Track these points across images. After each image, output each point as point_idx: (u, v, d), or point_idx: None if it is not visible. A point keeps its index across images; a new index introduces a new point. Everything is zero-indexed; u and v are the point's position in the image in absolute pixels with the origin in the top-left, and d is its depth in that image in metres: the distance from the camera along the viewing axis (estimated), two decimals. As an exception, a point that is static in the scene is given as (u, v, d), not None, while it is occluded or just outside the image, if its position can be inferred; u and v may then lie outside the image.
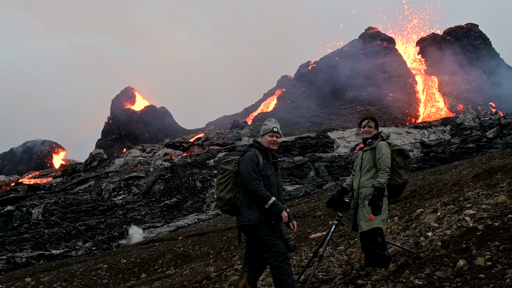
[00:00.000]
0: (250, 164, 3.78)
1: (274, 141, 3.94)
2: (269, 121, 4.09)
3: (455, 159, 23.45)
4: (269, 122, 4.06)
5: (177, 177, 27.58)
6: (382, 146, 4.25)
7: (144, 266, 10.34)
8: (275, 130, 3.96)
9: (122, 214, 21.72)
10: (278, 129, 3.99)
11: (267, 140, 3.94)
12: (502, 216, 4.59)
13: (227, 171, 3.91)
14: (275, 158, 4.04)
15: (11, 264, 15.20)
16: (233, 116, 76.13)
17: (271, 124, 4.03)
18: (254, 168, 3.78)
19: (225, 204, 3.81)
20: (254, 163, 3.80)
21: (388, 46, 79.39)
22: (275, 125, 4.04)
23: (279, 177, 3.99)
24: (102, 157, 35.80)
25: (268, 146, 3.91)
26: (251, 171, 3.74)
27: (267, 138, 3.94)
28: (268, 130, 3.96)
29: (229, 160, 4.01)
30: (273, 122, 4.07)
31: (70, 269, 11.51)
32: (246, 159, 3.83)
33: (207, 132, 53.66)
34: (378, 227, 3.99)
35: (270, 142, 3.92)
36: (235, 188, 3.85)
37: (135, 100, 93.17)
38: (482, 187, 7.25)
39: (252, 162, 3.80)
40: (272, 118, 4.18)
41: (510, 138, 26.27)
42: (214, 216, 21.03)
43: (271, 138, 3.93)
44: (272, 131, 3.96)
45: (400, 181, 4.27)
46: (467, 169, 14.02)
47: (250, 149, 3.95)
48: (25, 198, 24.61)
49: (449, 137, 31.27)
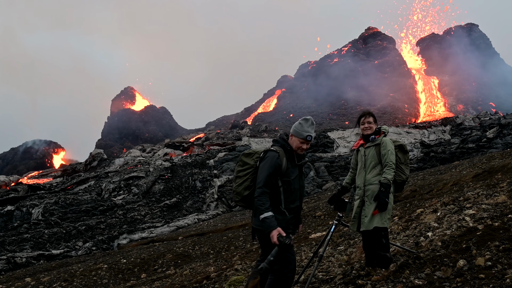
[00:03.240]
0: (269, 169, 3.42)
1: (303, 149, 3.54)
2: (306, 122, 3.58)
3: (455, 159, 23.45)
4: (305, 125, 3.56)
5: (177, 177, 27.58)
6: (387, 142, 4.22)
7: (144, 266, 10.34)
8: (308, 139, 3.51)
9: (122, 214, 21.71)
10: (311, 138, 3.53)
11: (296, 144, 3.53)
12: (502, 216, 4.59)
13: (246, 164, 3.61)
14: (302, 159, 3.64)
15: (11, 264, 15.20)
16: (233, 116, 76.16)
17: (307, 129, 3.53)
18: (271, 175, 3.42)
19: (241, 200, 3.59)
20: (274, 169, 3.43)
21: (388, 46, 79.37)
22: (310, 132, 3.53)
23: (303, 179, 3.67)
24: (102, 157, 35.81)
25: (296, 151, 3.53)
26: (266, 178, 3.40)
27: (297, 142, 3.52)
28: (301, 137, 3.50)
29: (251, 153, 3.67)
30: (309, 126, 3.55)
31: (70, 269, 11.51)
32: (267, 161, 3.47)
33: (207, 132, 53.65)
34: (383, 228, 3.94)
35: (298, 148, 3.53)
36: (253, 186, 3.53)
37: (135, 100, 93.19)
38: (482, 187, 7.25)
39: (272, 168, 3.43)
40: (310, 118, 3.61)
41: (510, 138, 26.27)
42: (214, 216, 21.03)
43: (301, 145, 3.52)
44: (305, 139, 3.51)
45: (404, 176, 4.27)
46: (467, 169, 14.01)
47: (275, 147, 3.57)
48: (25, 198, 24.61)
49: (449, 137, 31.27)
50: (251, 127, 52.59)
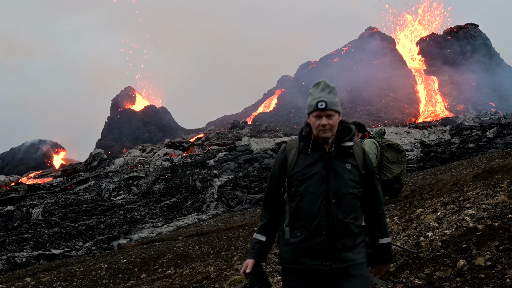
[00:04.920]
0: (272, 170, 2.55)
1: (323, 126, 2.34)
2: (316, 88, 2.43)
3: (455, 159, 23.44)
4: (315, 92, 2.41)
5: (177, 177, 27.58)
6: (365, 143, 4.23)
7: (144, 266, 10.34)
8: (320, 106, 2.33)
9: (122, 214, 21.71)
10: (326, 103, 2.33)
11: (312, 124, 2.40)
12: (502, 216, 4.59)
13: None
14: (333, 145, 2.41)
15: (11, 264, 15.19)
16: (233, 116, 76.12)
17: (317, 95, 2.38)
18: (274, 177, 2.51)
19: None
20: (278, 167, 2.49)
21: (388, 46, 79.36)
22: (323, 97, 2.35)
23: (338, 179, 2.34)
24: (102, 157, 35.80)
25: (317, 134, 2.37)
26: (268, 182, 2.55)
27: (312, 120, 2.39)
28: (311, 109, 2.39)
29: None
30: (321, 91, 2.38)
31: (70, 269, 11.51)
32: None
33: (207, 132, 53.65)
34: None
35: (316, 128, 2.36)
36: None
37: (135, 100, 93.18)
38: (482, 187, 7.24)
39: (274, 166, 2.53)
40: (322, 80, 2.44)
41: (510, 138, 26.26)
42: (214, 216, 21.03)
43: (317, 122, 2.36)
44: (315, 108, 2.35)
45: (390, 175, 4.24)
46: (467, 169, 14.01)
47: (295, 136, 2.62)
48: (25, 198, 24.60)
49: (449, 137, 31.25)
50: (251, 127, 52.57)
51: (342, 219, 2.32)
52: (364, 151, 2.51)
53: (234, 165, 29.25)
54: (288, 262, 2.38)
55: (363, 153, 2.50)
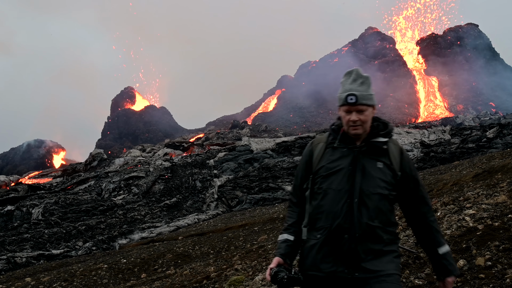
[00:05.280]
0: (298, 167, 2.36)
1: (353, 122, 2.15)
2: (347, 78, 2.22)
3: (455, 159, 23.44)
4: (346, 83, 2.21)
5: (177, 177, 27.58)
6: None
7: (144, 266, 10.34)
8: (350, 100, 2.15)
9: (122, 214, 21.72)
10: (357, 97, 2.14)
11: (342, 117, 2.22)
12: (502, 216, 4.59)
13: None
14: (371, 140, 2.20)
15: (11, 264, 15.20)
16: (233, 116, 76.11)
17: (348, 87, 2.18)
18: (300, 174, 2.32)
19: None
20: (304, 164, 2.31)
21: (388, 46, 79.39)
22: (353, 89, 2.16)
23: (363, 176, 2.13)
24: (102, 157, 35.80)
25: (347, 130, 2.19)
26: (294, 180, 2.37)
27: (342, 114, 2.21)
28: (340, 100, 2.21)
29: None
30: (352, 82, 2.18)
31: (70, 269, 11.51)
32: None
33: (207, 132, 53.66)
34: None
35: (346, 124, 2.19)
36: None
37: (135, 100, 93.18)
38: (482, 187, 7.25)
39: (301, 163, 2.34)
40: (355, 69, 2.23)
41: (510, 138, 26.26)
42: (214, 216, 21.03)
43: (347, 116, 2.17)
44: (345, 102, 2.17)
45: None
46: (467, 169, 14.01)
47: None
48: (25, 198, 24.60)
49: (449, 137, 31.26)
50: (251, 127, 52.58)
51: (366, 221, 2.08)
52: (401, 151, 2.25)
53: (234, 165, 29.26)
54: (308, 269, 2.16)
55: (400, 152, 2.24)
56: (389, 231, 2.15)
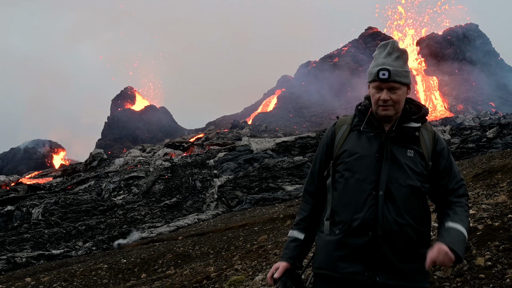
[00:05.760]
0: (318, 151, 2.12)
1: (384, 101, 1.90)
2: (382, 50, 1.96)
3: (455, 159, 23.43)
4: (380, 56, 1.95)
5: (177, 177, 27.59)
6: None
7: (144, 266, 10.34)
8: (382, 76, 1.88)
9: (122, 214, 21.72)
10: (390, 72, 1.87)
11: (371, 95, 1.97)
12: (502, 216, 4.59)
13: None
14: (402, 125, 1.94)
15: (11, 264, 15.20)
16: (233, 116, 76.15)
17: (381, 61, 1.92)
18: (319, 160, 2.08)
19: None
20: (324, 147, 2.06)
21: (388, 46, 79.39)
22: (387, 61, 1.90)
23: (392, 165, 1.88)
24: (102, 157, 35.80)
25: (375, 110, 1.94)
26: (311, 167, 2.13)
27: (371, 91, 1.96)
28: (371, 75, 1.94)
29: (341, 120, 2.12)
30: (387, 55, 1.92)
31: (70, 269, 11.51)
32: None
33: (207, 132, 53.67)
34: None
35: (376, 103, 1.93)
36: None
37: (135, 100, 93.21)
38: (482, 187, 7.25)
39: (320, 147, 2.10)
40: (391, 41, 1.98)
41: (510, 138, 26.26)
42: (214, 216, 21.03)
43: (377, 94, 1.92)
44: (375, 78, 1.91)
45: None
46: (467, 169, 14.01)
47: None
48: (25, 198, 24.60)
49: (449, 137, 31.26)
50: (251, 127, 52.62)
51: (394, 217, 1.82)
52: (435, 137, 1.98)
53: (234, 165, 29.26)
54: (321, 267, 1.93)
55: (433, 139, 1.97)
56: (421, 231, 1.87)
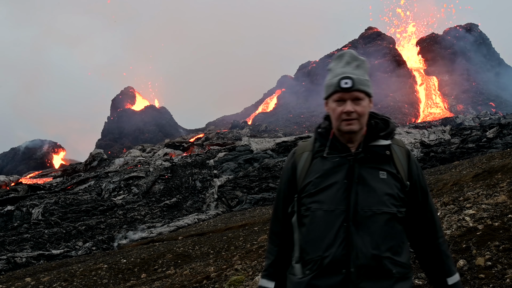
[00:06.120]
0: (279, 186, 1.90)
1: (347, 114, 1.67)
2: (338, 60, 1.74)
3: (455, 159, 23.45)
4: (337, 66, 1.73)
5: (177, 177, 27.59)
6: None
7: (144, 266, 10.34)
8: (344, 85, 1.66)
9: (122, 214, 21.72)
10: (354, 81, 1.66)
11: (332, 110, 1.72)
12: (502, 216, 4.59)
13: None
14: (370, 144, 1.73)
15: (11, 264, 15.20)
16: (233, 116, 76.15)
17: (340, 70, 1.70)
18: (282, 196, 1.86)
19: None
20: (286, 182, 1.85)
21: (388, 46, 79.39)
22: (347, 69, 1.69)
23: (364, 191, 1.67)
24: (102, 157, 35.81)
25: (338, 127, 1.71)
26: (274, 204, 1.92)
27: (332, 106, 1.72)
28: (331, 87, 1.71)
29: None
30: (345, 62, 1.72)
31: (70, 269, 11.51)
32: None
33: (207, 132, 53.67)
34: None
35: (338, 118, 1.70)
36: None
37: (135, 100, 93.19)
38: (482, 187, 7.24)
39: (282, 181, 1.88)
40: (348, 51, 1.77)
41: (510, 138, 26.26)
42: (214, 216, 21.03)
43: (339, 108, 1.69)
44: (338, 88, 1.68)
45: None
46: (467, 169, 14.01)
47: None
48: (25, 198, 24.60)
49: (449, 137, 31.26)
50: (251, 127, 52.62)
51: (370, 250, 1.61)
52: (409, 155, 1.80)
53: (234, 165, 29.26)
54: None
55: (407, 156, 1.79)
56: (401, 263, 1.67)
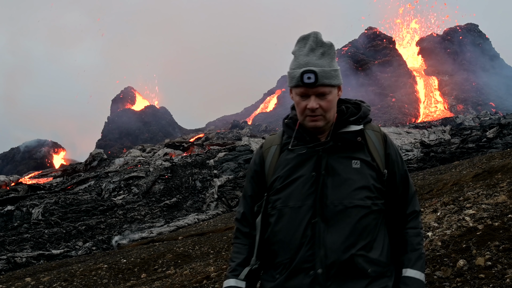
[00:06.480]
0: (246, 182, 1.76)
1: (311, 110, 1.54)
2: (300, 43, 1.56)
3: (455, 159, 23.45)
4: (298, 49, 1.55)
5: (177, 177, 27.59)
6: None
7: (144, 266, 10.34)
8: (307, 80, 1.49)
9: (122, 214, 21.72)
10: (317, 75, 1.48)
11: (296, 103, 1.60)
12: (502, 216, 4.59)
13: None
14: (339, 131, 1.58)
15: (11, 264, 15.20)
16: (233, 116, 76.18)
17: (301, 58, 1.53)
18: (246, 189, 1.73)
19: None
20: (249, 173, 1.73)
21: (388, 46, 79.39)
22: (311, 59, 1.51)
23: (334, 183, 1.52)
24: (102, 157, 35.81)
25: (302, 121, 1.59)
26: (241, 199, 1.76)
27: (295, 98, 1.59)
28: (293, 80, 1.54)
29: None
30: (308, 48, 1.53)
31: (70, 269, 11.51)
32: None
33: (207, 132, 53.68)
34: None
35: (302, 113, 1.57)
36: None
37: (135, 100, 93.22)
38: (482, 187, 7.24)
39: (248, 177, 1.74)
40: (312, 32, 1.55)
41: (510, 138, 26.27)
42: (214, 216, 21.03)
43: (302, 102, 1.55)
44: (300, 83, 1.52)
45: None
46: (467, 169, 14.00)
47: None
48: (25, 198, 24.60)
49: (449, 137, 31.26)
50: (251, 127, 52.62)
51: (341, 249, 1.45)
52: (385, 139, 1.62)
53: (234, 165, 29.27)
54: None
55: (383, 142, 1.60)
56: (377, 261, 1.50)
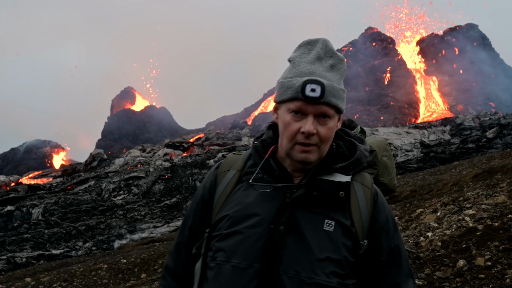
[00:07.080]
0: (187, 212, 1.32)
1: (307, 136, 1.09)
2: (304, 48, 1.16)
3: (455, 159, 23.45)
4: (300, 54, 1.16)
5: (177, 177, 27.59)
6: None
7: (144, 266, 10.34)
8: (311, 92, 1.06)
9: (122, 214, 21.73)
10: (325, 87, 1.06)
11: (285, 124, 1.13)
12: (502, 216, 4.59)
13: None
14: (319, 177, 1.14)
15: (11, 264, 15.20)
16: (233, 116, 76.19)
17: (304, 65, 1.13)
18: (187, 219, 1.29)
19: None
20: (195, 199, 1.30)
21: (388, 46, 79.42)
22: (317, 68, 1.11)
23: (296, 246, 1.09)
24: (102, 157, 35.80)
25: (289, 151, 1.14)
26: (179, 231, 1.33)
27: (284, 117, 1.14)
28: (290, 90, 1.12)
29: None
30: (315, 55, 1.12)
31: (70, 269, 11.52)
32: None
33: (207, 132, 53.68)
34: None
35: (291, 138, 1.12)
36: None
37: (135, 100, 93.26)
38: (482, 187, 7.25)
39: (194, 197, 1.31)
40: (320, 38, 1.14)
41: (510, 138, 26.27)
42: (214, 216, 21.05)
43: (295, 124, 1.12)
44: (300, 95, 1.08)
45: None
46: (467, 169, 14.01)
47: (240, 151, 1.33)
48: (25, 198, 24.60)
49: (449, 137, 31.27)
50: (251, 127, 52.58)
51: None
52: (375, 199, 1.22)
53: (234, 165, 29.29)
54: None
55: (372, 201, 1.21)
56: None
